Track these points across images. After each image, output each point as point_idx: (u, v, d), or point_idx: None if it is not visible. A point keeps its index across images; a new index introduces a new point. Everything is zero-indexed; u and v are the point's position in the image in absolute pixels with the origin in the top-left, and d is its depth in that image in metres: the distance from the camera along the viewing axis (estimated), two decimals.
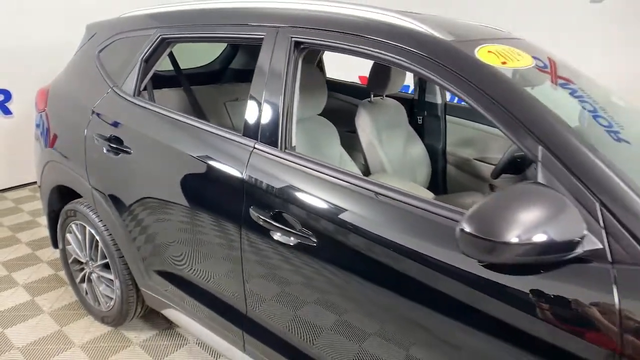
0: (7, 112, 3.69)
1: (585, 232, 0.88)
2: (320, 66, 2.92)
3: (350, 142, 2.26)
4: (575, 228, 0.88)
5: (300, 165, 1.34)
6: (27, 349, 2.09)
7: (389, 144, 2.27)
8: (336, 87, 2.85)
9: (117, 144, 1.83)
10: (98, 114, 1.94)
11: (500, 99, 1.06)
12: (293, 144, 1.44)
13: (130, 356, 2.08)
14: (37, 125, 2.34)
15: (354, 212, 1.20)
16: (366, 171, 2.24)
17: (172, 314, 1.92)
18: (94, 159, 1.95)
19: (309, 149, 1.83)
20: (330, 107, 2.88)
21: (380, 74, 2.17)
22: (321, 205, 1.26)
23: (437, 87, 2.50)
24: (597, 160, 0.97)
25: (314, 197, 1.28)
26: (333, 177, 1.27)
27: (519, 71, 1.33)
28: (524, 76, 1.38)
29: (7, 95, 3.67)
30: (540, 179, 0.99)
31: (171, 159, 1.66)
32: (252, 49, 2.75)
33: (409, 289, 1.12)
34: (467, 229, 0.87)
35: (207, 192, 1.54)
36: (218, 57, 3.00)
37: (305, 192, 1.30)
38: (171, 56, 2.27)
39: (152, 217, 1.75)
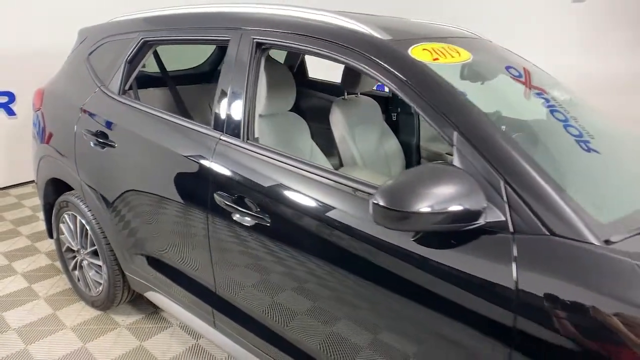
0: (12, 113, 3.88)
1: (485, 204, 1.01)
2: (303, 67, 3.07)
3: (329, 137, 2.40)
4: (475, 200, 1.01)
5: (258, 154, 1.48)
6: (23, 330, 2.24)
7: (362, 139, 2.40)
8: (318, 86, 2.99)
9: (102, 139, 1.98)
10: (87, 112, 2.10)
11: (423, 91, 1.19)
12: (256, 136, 1.58)
13: (117, 338, 2.22)
14: (34, 123, 2.51)
15: (301, 195, 1.34)
16: (339, 164, 2.37)
17: (153, 296, 2.06)
18: (82, 153, 2.11)
19: (280, 142, 1.97)
20: (312, 104, 3.02)
21: (352, 73, 2.31)
22: (274, 189, 1.40)
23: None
24: (504, 144, 1.10)
25: (269, 182, 1.42)
26: (286, 164, 1.41)
27: (467, 65, 1.47)
28: (472, 70, 1.51)
29: (12, 97, 3.86)
30: (455, 161, 1.11)
31: (149, 151, 1.82)
32: None
33: (346, 261, 1.25)
34: (380, 202, 1.00)
35: (179, 180, 1.69)
36: (207, 59, 3.16)
37: (262, 178, 1.44)
38: (157, 58, 2.43)
39: (133, 206, 1.91)
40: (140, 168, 1.88)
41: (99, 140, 2.00)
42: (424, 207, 0.98)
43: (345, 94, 2.44)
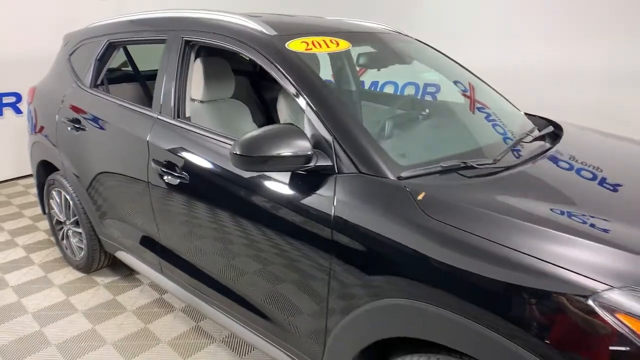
0: (18, 111, 4.38)
1: (311, 151, 1.37)
2: None
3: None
4: (304, 148, 1.36)
5: (182, 128, 1.87)
6: (18, 287, 2.69)
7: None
8: None
9: (76, 124, 2.41)
10: (65, 103, 2.54)
11: (289, 73, 1.56)
12: (187, 115, 1.97)
13: (96, 293, 2.65)
14: (28, 116, 2.96)
15: (207, 156, 1.73)
16: None
17: (121, 255, 2.48)
18: (62, 137, 2.55)
19: (221, 124, 2.35)
20: (275, 96, 3.39)
21: None
22: (189, 154, 1.79)
23: (351, 75, 2.99)
24: (337, 112, 1.46)
25: (185, 149, 1.81)
26: (200, 134, 1.80)
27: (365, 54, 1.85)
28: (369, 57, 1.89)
29: (19, 97, 4.36)
30: (305, 123, 1.48)
31: (109, 132, 2.23)
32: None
33: (230, 203, 1.64)
34: (236, 151, 1.37)
35: (129, 153, 2.10)
36: None
37: (181, 147, 1.83)
38: (130, 58, 2.86)
39: (99, 178, 2.33)
40: (103, 146, 2.29)
41: (74, 125, 2.42)
42: (266, 153, 1.35)
43: None
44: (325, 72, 2.22)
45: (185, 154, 1.81)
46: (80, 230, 2.68)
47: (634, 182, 1.53)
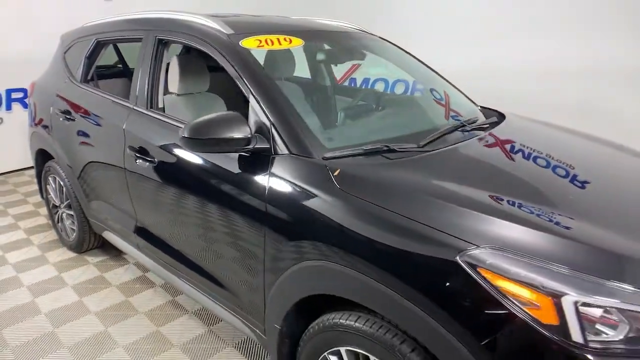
0: (26, 106, 4.67)
1: (250, 134, 1.57)
2: None
3: None
4: (244, 131, 1.56)
5: (154, 117, 2.09)
6: (17, 264, 2.95)
7: None
8: None
9: (67, 115, 2.66)
10: (59, 96, 2.79)
11: (239, 69, 1.76)
12: (160, 106, 2.19)
13: (86, 270, 2.89)
14: (28, 109, 3.23)
15: (171, 144, 1.95)
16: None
17: (107, 234, 2.71)
18: (56, 127, 2.80)
19: (196, 115, 2.53)
20: None
21: None
22: (159, 140, 2.01)
23: (325, 71, 3.18)
24: (277, 102, 1.65)
25: (153, 135, 2.03)
26: (168, 122, 2.01)
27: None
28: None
29: (26, 92, 4.65)
30: (250, 110, 1.68)
31: (93, 121, 2.47)
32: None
33: (187, 180, 1.86)
34: (184, 134, 1.57)
35: (109, 140, 2.33)
36: None
37: (149, 132, 2.06)
38: (120, 55, 3.10)
39: (85, 164, 2.57)
40: (88, 134, 2.53)
41: (65, 116, 2.67)
42: (210, 136, 1.55)
43: None
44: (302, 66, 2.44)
45: (154, 140, 2.03)
46: (72, 212, 2.93)
47: (529, 162, 1.70)
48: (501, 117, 2.25)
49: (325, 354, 1.48)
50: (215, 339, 2.25)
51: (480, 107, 2.44)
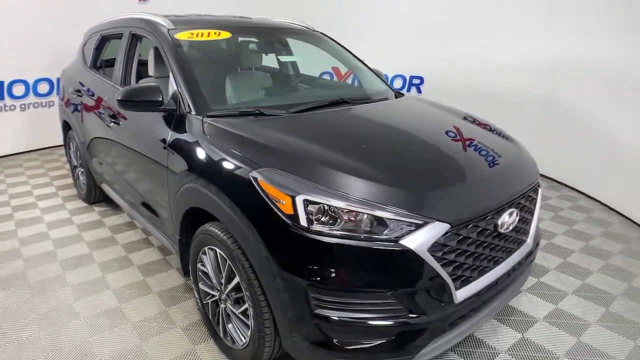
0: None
1: (161, 98, 2.20)
2: None
3: None
4: (157, 95, 2.19)
5: None
6: (43, 209, 3.83)
7: None
8: None
9: (78, 92, 3.48)
10: (75, 79, 3.62)
11: (167, 52, 2.41)
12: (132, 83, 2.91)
13: (91, 215, 3.71)
14: (58, 92, 4.13)
15: None
16: None
17: (104, 186, 3.50)
18: (71, 103, 3.64)
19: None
20: None
21: None
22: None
23: (242, 55, 3.55)
24: (188, 79, 2.27)
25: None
26: None
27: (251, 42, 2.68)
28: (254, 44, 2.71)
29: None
30: (170, 83, 2.32)
31: (91, 96, 3.25)
32: None
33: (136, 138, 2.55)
34: (118, 97, 2.23)
35: (97, 108, 3.09)
36: None
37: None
38: None
39: (88, 130, 3.37)
40: (87, 104, 3.33)
41: (77, 94, 3.49)
42: (134, 99, 2.20)
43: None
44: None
45: (117, 108, 2.76)
46: (83, 170, 3.77)
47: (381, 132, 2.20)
48: (400, 96, 2.77)
49: (200, 253, 2.09)
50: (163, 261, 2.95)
51: (396, 91, 2.93)
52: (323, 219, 1.57)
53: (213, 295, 2.09)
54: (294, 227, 1.57)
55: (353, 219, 1.56)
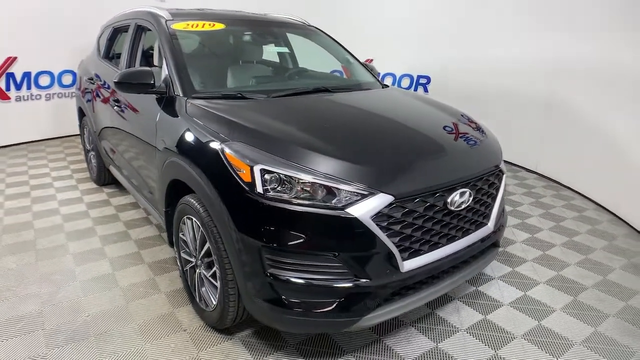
0: None
1: (159, 83, 2.41)
2: None
3: None
4: (150, 80, 2.41)
5: None
6: (58, 189, 4.13)
7: None
8: None
9: (90, 80, 3.76)
10: (90, 68, 3.91)
11: (163, 41, 2.62)
12: None
13: (100, 196, 3.98)
14: (75, 79, 4.44)
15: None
16: None
17: (111, 168, 3.76)
18: (85, 91, 3.92)
19: None
20: None
21: None
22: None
23: (236, 46, 3.75)
24: (175, 63, 2.48)
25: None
26: None
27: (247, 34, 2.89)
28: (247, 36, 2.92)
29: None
30: (163, 68, 2.53)
31: (101, 82, 3.52)
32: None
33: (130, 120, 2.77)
34: (115, 80, 2.45)
35: (105, 93, 3.34)
36: None
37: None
38: None
39: (97, 114, 3.63)
40: (97, 91, 3.60)
41: (90, 81, 3.77)
42: (130, 81, 2.42)
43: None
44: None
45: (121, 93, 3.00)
46: (94, 153, 4.05)
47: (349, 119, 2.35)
48: (385, 87, 2.93)
49: (181, 223, 2.28)
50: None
51: (384, 84, 3.08)
52: (278, 187, 1.74)
53: (191, 262, 2.28)
54: (251, 194, 1.74)
55: (306, 188, 1.72)
